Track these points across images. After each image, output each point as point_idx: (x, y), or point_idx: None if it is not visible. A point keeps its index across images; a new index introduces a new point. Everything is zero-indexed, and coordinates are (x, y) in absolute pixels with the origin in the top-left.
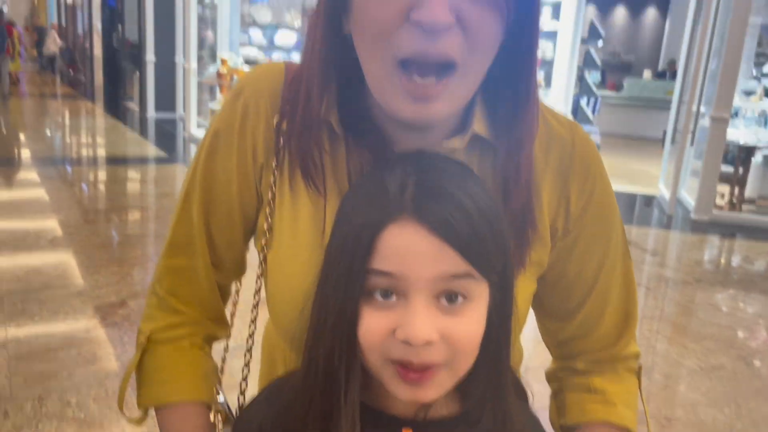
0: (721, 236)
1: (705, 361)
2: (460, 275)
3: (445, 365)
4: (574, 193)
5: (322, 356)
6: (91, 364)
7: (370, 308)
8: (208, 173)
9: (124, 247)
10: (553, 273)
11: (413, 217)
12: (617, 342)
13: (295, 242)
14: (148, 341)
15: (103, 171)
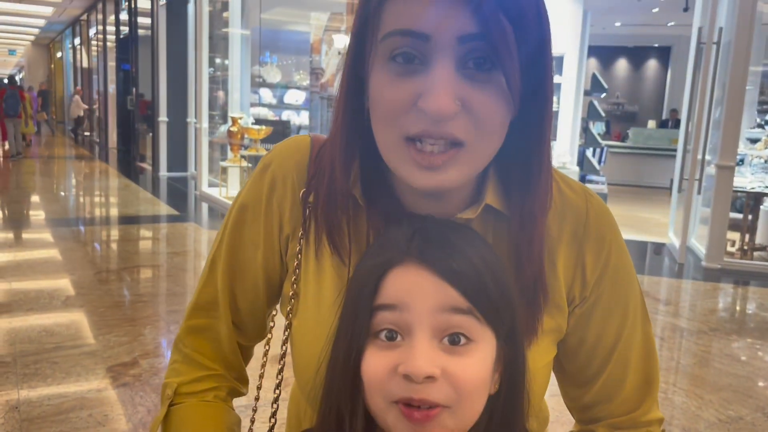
0: (733, 284)
1: (723, 413)
2: (462, 310)
3: (449, 408)
4: (590, 261)
5: (334, 406)
6: (102, 425)
7: (374, 348)
8: (234, 243)
9: (136, 306)
10: (572, 339)
11: (417, 261)
12: (639, 407)
13: (319, 309)
14: (174, 394)
15: (115, 230)
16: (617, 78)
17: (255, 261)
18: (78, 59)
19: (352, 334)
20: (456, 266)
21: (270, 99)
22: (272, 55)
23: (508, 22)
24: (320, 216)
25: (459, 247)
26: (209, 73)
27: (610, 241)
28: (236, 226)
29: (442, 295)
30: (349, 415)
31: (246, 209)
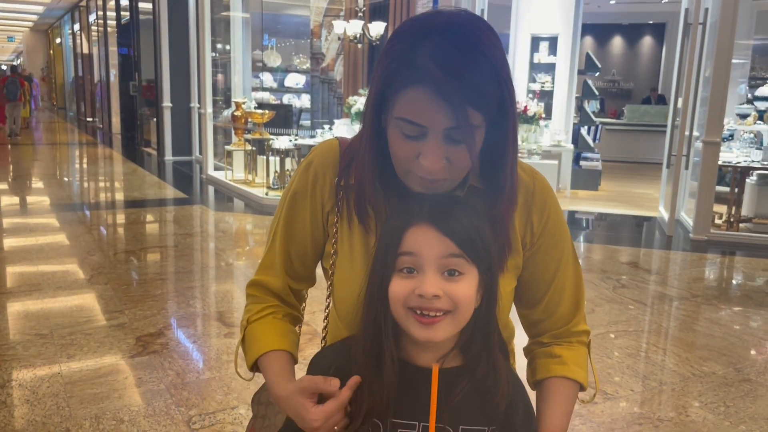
0: (719, 254)
1: (698, 369)
2: (455, 255)
3: (450, 313)
4: (536, 219)
5: (372, 319)
6: (137, 386)
7: (398, 278)
8: (289, 218)
9: (156, 283)
10: (525, 273)
11: (427, 222)
12: (571, 321)
13: (352, 263)
14: (247, 323)
15: (129, 213)
16: (613, 55)
17: (305, 229)
18: (78, 45)
19: (383, 270)
20: (453, 226)
21: (271, 83)
22: (271, 38)
23: (475, 110)
24: (351, 198)
25: (455, 214)
26: (211, 58)
27: (550, 206)
28: (291, 207)
29: (443, 246)
30: (383, 320)
31: (297, 195)
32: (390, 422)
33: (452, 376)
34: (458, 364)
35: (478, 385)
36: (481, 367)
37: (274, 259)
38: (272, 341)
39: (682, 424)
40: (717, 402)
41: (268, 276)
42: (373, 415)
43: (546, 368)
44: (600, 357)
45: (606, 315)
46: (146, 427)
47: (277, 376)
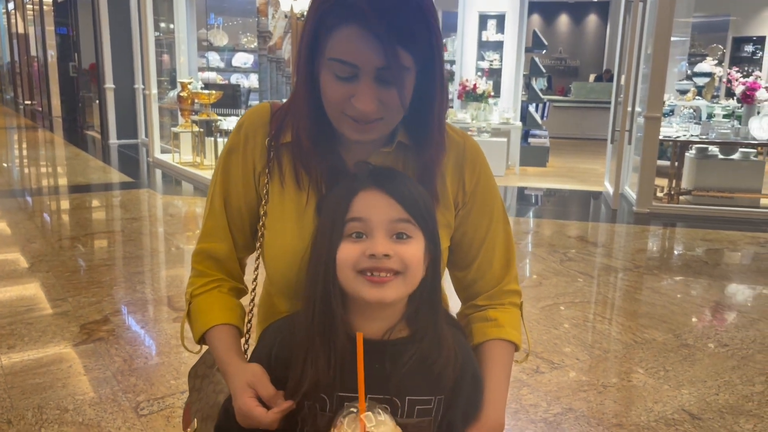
0: (661, 226)
1: (639, 336)
2: (404, 220)
3: (400, 275)
4: (467, 178)
5: (319, 290)
6: (82, 375)
7: (347, 243)
8: (224, 182)
9: (101, 270)
10: (458, 233)
11: (374, 186)
12: (502, 280)
13: (283, 223)
14: (191, 297)
15: (72, 199)
16: (559, 33)
17: (239, 193)
18: (13, 24)
19: (331, 236)
20: (399, 188)
21: (218, 63)
22: (217, 17)
23: (405, 50)
24: (283, 157)
25: (400, 178)
26: (154, 37)
27: (480, 166)
28: (224, 168)
29: (392, 209)
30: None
31: (230, 155)
32: (336, 396)
33: (399, 347)
34: (405, 335)
35: (425, 355)
36: (428, 338)
37: (215, 223)
38: (219, 315)
39: (625, 389)
40: (657, 367)
41: (211, 242)
42: (320, 390)
43: (483, 332)
44: (548, 328)
45: (554, 287)
46: (92, 416)
47: (227, 351)
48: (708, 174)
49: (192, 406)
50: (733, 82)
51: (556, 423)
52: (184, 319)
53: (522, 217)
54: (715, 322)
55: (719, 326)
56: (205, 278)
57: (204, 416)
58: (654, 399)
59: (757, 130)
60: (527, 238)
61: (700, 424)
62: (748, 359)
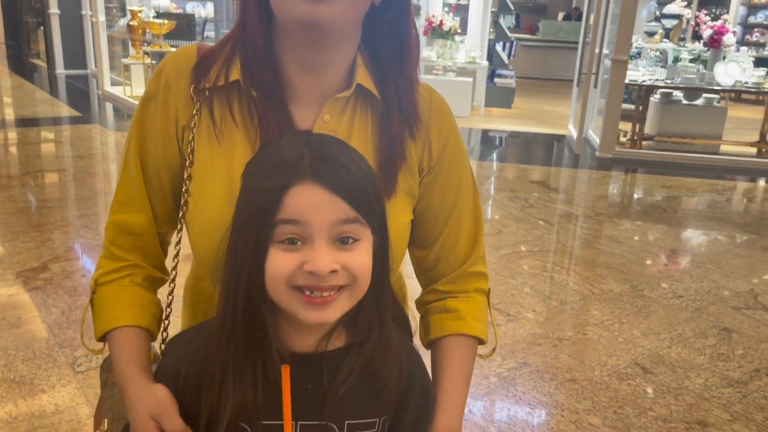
0: (623, 172)
1: (597, 287)
2: (351, 220)
3: (346, 288)
4: (434, 138)
5: (241, 299)
6: (16, 327)
7: (278, 250)
8: (141, 139)
9: (42, 212)
10: (421, 205)
11: (312, 179)
12: (467, 261)
13: (212, 189)
14: (95, 284)
15: (13, 133)
16: None
17: (158, 153)
18: None
19: (255, 242)
20: (344, 181)
21: None
22: None
23: None
24: (208, 107)
25: (342, 162)
26: None
27: (449, 127)
28: (140, 122)
29: (336, 210)
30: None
31: (147, 106)
32: (260, 425)
33: (336, 359)
34: (343, 344)
35: (367, 366)
36: (371, 342)
37: (131, 189)
38: (125, 314)
39: (580, 342)
40: (613, 319)
41: (126, 213)
42: (240, 419)
43: (441, 325)
44: (505, 278)
45: (513, 235)
46: (24, 372)
47: (127, 364)
48: (671, 119)
49: (104, 403)
50: (701, 25)
51: (510, 378)
52: (86, 309)
53: (485, 161)
54: (671, 272)
55: (675, 277)
56: (116, 262)
57: (116, 416)
58: (608, 352)
59: (722, 76)
60: (489, 183)
61: (652, 378)
62: (702, 311)
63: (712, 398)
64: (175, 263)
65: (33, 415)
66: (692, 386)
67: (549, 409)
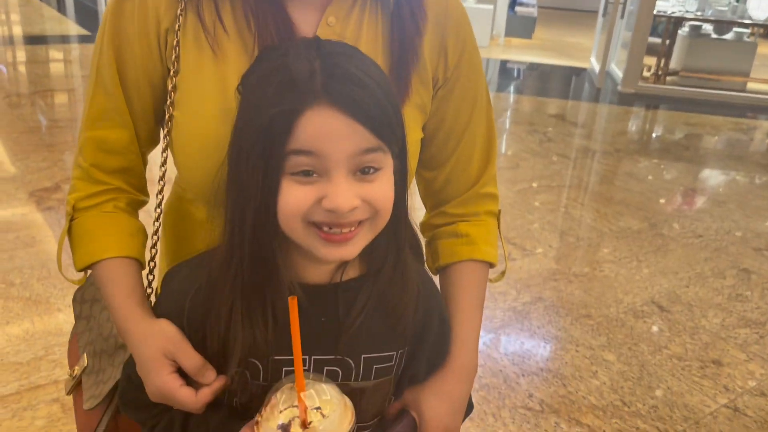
0: (645, 108)
1: (615, 224)
2: (373, 149)
3: (367, 222)
4: (451, 45)
5: (248, 232)
6: (30, 246)
7: (291, 182)
8: (115, 44)
9: (53, 132)
10: (433, 120)
11: (327, 102)
12: (478, 182)
13: (201, 100)
14: (73, 210)
15: (22, 51)
16: None
17: (135, 60)
18: None
19: (264, 173)
20: (364, 103)
21: None
22: None
23: None
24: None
25: (359, 78)
26: None
27: (465, 33)
28: (114, 23)
29: (356, 138)
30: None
31: (122, 3)
32: (272, 360)
33: (351, 291)
34: (357, 275)
35: (383, 297)
36: (387, 272)
37: (108, 102)
38: (114, 244)
39: (596, 279)
40: (630, 257)
41: (104, 129)
42: (250, 355)
43: (451, 251)
44: (521, 213)
45: (530, 170)
46: (40, 291)
47: (125, 300)
48: (698, 54)
49: (79, 337)
50: None
51: (524, 312)
52: (63, 236)
53: (502, 93)
54: (691, 211)
55: (694, 216)
56: (96, 185)
57: (97, 351)
58: (624, 290)
59: (756, 10)
60: (506, 116)
61: (668, 317)
62: (721, 251)
63: (729, 338)
64: (161, 186)
65: (49, 332)
66: (709, 326)
67: (563, 344)
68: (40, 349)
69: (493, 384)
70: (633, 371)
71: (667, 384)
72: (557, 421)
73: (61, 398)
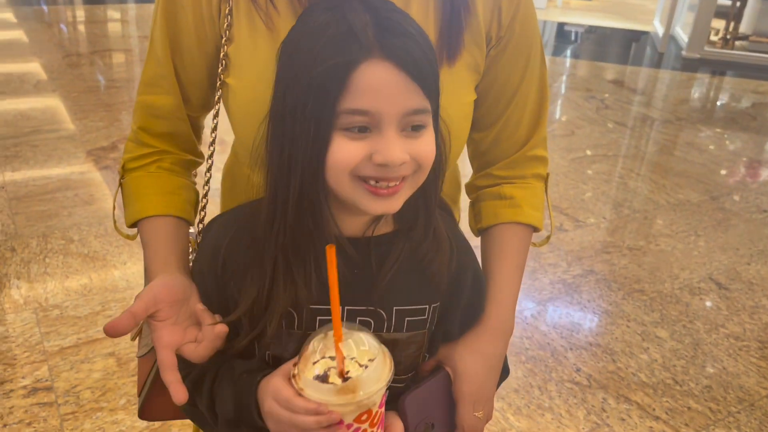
0: (710, 74)
1: (674, 197)
2: (422, 110)
3: (410, 177)
4: (505, 3)
5: (294, 186)
6: (89, 204)
7: (343, 137)
8: (168, 13)
9: (110, 92)
10: (486, 80)
11: (381, 55)
12: (527, 143)
13: (255, 67)
14: (123, 170)
15: (81, 11)
16: None
17: (188, 29)
18: None
19: (315, 131)
20: (417, 59)
21: None
22: None
23: None
24: None
25: (409, 33)
26: None
27: None
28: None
29: (410, 97)
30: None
31: None
32: (307, 309)
33: (384, 245)
34: (390, 230)
35: (415, 252)
36: (418, 229)
37: (158, 70)
38: (152, 203)
39: (651, 253)
40: (688, 231)
41: (154, 94)
42: (289, 306)
43: (494, 213)
44: (575, 182)
45: (586, 138)
46: (97, 248)
47: (152, 257)
48: None
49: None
50: None
51: (575, 285)
52: (116, 193)
53: (558, 57)
54: (755, 184)
55: (759, 190)
56: (143, 148)
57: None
58: (681, 265)
59: None
60: (562, 81)
61: (726, 295)
62: None
63: None
64: (212, 150)
65: (106, 289)
66: None
67: (614, 319)
68: (96, 305)
69: (540, 357)
70: (687, 349)
71: (723, 364)
72: (605, 397)
73: (117, 352)
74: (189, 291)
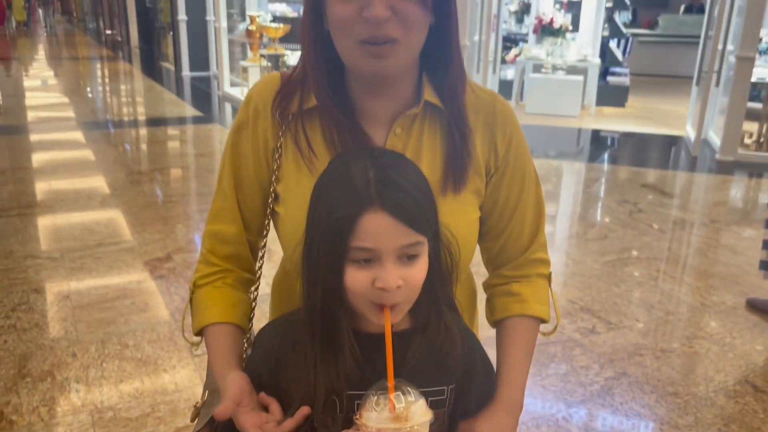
0: (746, 176)
1: (707, 299)
2: (414, 244)
3: (405, 299)
4: (499, 139)
5: (319, 301)
6: (143, 312)
7: (354, 267)
8: (234, 159)
9: (167, 206)
10: (488, 202)
11: (379, 207)
12: (528, 248)
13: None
14: (194, 286)
15: (144, 131)
16: None
17: (249, 171)
18: None
19: (332, 260)
20: (409, 208)
21: None
22: None
23: None
24: (298, 128)
25: (404, 186)
26: None
27: (512, 127)
28: (234, 145)
29: (402, 236)
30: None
31: (239, 131)
32: (346, 395)
33: (404, 339)
34: (408, 327)
35: (431, 344)
36: (432, 325)
37: (224, 204)
38: (218, 312)
39: (685, 355)
40: (723, 333)
41: (220, 224)
42: (330, 392)
43: (505, 307)
44: (608, 285)
45: (619, 241)
46: (150, 353)
47: (216, 357)
48: None
49: (206, 381)
50: None
51: (607, 387)
52: (187, 307)
53: (594, 163)
54: None
55: None
56: (211, 267)
57: (212, 389)
58: (716, 368)
59: None
60: (598, 185)
61: (763, 398)
62: None
63: None
64: (260, 265)
65: (156, 392)
66: None
67: (647, 422)
68: (147, 407)
69: None
70: None
71: None
72: None
73: None
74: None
